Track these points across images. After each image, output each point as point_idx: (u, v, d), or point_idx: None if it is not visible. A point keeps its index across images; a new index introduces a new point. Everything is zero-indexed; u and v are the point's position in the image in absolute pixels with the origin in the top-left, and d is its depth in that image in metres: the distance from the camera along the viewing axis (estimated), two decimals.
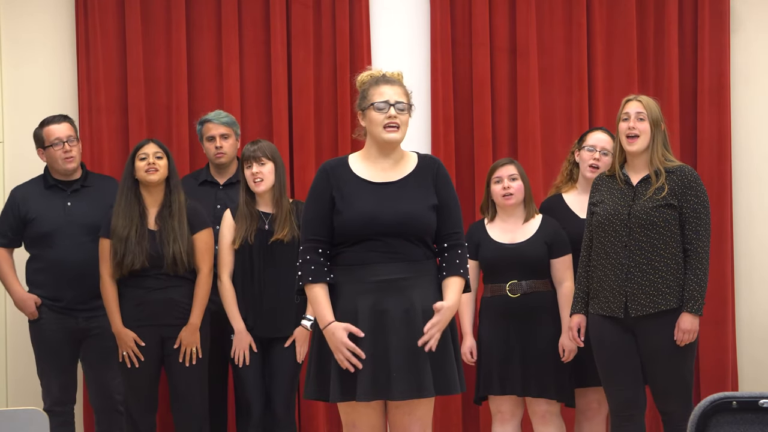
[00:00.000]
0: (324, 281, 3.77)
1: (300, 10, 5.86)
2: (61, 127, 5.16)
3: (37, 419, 3.04)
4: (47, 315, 5.11)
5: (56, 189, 5.19)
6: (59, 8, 5.85)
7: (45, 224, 5.11)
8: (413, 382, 3.67)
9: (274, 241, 4.83)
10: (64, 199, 5.16)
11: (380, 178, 3.82)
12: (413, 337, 3.69)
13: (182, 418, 4.91)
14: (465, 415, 5.85)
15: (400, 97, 3.80)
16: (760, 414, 2.68)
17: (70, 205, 5.14)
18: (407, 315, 3.70)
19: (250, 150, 4.89)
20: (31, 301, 5.12)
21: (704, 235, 4.48)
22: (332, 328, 3.71)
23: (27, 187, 5.26)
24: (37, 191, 5.20)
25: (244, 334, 4.87)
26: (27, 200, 5.18)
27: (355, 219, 3.74)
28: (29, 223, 5.14)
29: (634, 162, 4.56)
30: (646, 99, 4.57)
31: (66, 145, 5.13)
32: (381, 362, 3.67)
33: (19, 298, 5.15)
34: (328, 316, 3.73)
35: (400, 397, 3.68)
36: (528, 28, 5.88)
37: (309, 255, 3.79)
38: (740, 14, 6.02)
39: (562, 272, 4.81)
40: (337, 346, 3.68)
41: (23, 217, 5.15)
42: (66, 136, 5.15)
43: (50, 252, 5.10)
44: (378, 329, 3.69)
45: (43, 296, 5.12)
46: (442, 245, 3.84)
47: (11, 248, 5.23)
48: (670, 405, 4.48)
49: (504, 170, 4.86)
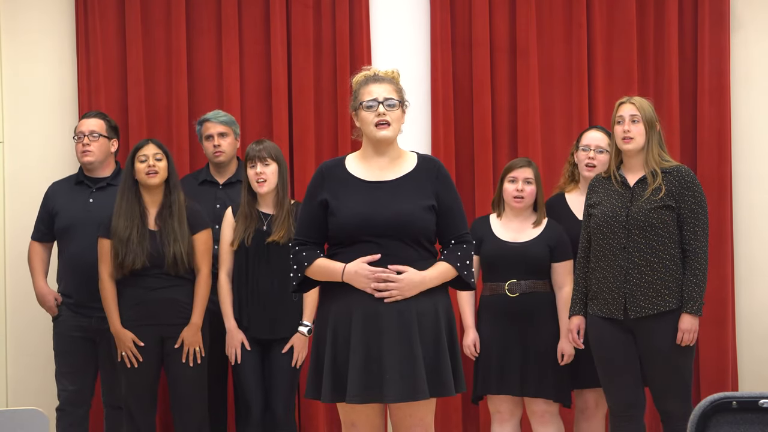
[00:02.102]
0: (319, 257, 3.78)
1: (300, 10, 5.86)
2: (89, 121, 5.23)
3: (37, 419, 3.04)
4: (66, 313, 5.14)
5: (83, 185, 5.23)
6: (59, 8, 5.86)
7: (66, 218, 5.14)
8: (407, 384, 3.65)
9: (270, 242, 4.83)
10: (88, 195, 5.19)
11: (375, 176, 3.81)
12: (407, 339, 3.68)
13: (182, 418, 4.91)
14: (465, 415, 5.85)
15: (389, 94, 3.79)
16: (760, 414, 2.68)
17: (92, 202, 5.17)
18: (401, 317, 3.69)
19: (255, 149, 4.88)
20: (50, 297, 5.15)
21: (702, 235, 4.48)
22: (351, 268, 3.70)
23: (61, 182, 5.32)
24: (67, 186, 5.26)
25: (235, 331, 4.88)
26: (56, 194, 5.23)
27: (349, 220, 3.74)
28: (55, 217, 5.19)
29: (630, 163, 4.56)
30: (639, 100, 4.57)
31: (86, 138, 5.17)
32: (374, 364, 3.66)
33: (39, 293, 5.20)
34: (338, 266, 3.73)
35: (393, 400, 3.67)
36: (528, 28, 5.88)
37: (297, 247, 3.82)
38: (740, 14, 6.02)
39: (563, 277, 4.81)
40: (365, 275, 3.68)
41: (51, 211, 5.20)
42: (89, 131, 5.18)
43: (69, 247, 5.13)
44: (372, 331, 3.68)
45: (61, 291, 5.15)
46: (448, 243, 3.83)
47: (45, 242, 5.26)
48: (670, 405, 4.49)
49: (521, 172, 4.85)
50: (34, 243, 5.25)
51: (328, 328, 3.75)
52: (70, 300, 5.12)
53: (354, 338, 3.68)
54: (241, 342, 4.87)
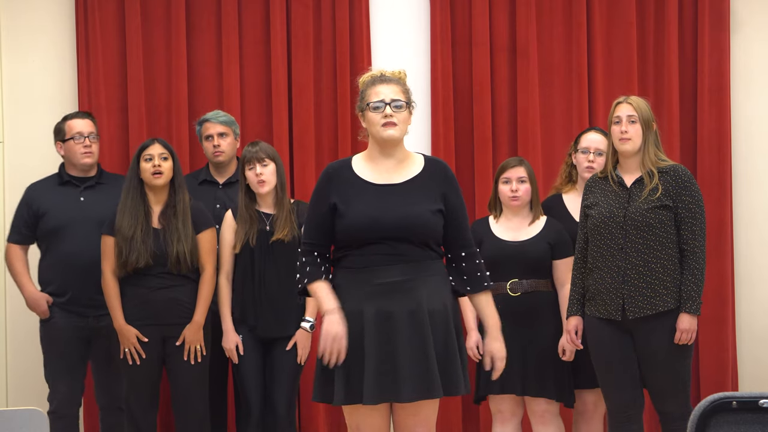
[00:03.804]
0: (322, 279, 3.77)
1: (300, 10, 5.86)
2: (83, 122, 5.22)
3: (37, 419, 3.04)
4: (58, 314, 5.11)
5: (70, 185, 5.21)
6: (59, 8, 5.86)
7: (57, 218, 5.12)
8: (422, 383, 3.65)
9: (275, 240, 4.84)
10: (77, 194, 5.19)
11: (383, 179, 3.80)
12: (420, 338, 3.67)
13: (183, 418, 4.91)
14: (465, 415, 5.85)
15: (396, 95, 3.78)
16: (760, 414, 2.68)
17: (84, 200, 5.17)
18: (413, 317, 3.69)
19: (251, 151, 4.89)
20: (42, 300, 5.13)
21: (700, 235, 4.47)
22: (336, 317, 3.68)
23: (41, 183, 5.29)
24: (51, 187, 5.23)
25: (231, 333, 4.89)
26: (40, 196, 5.20)
27: (358, 222, 3.72)
28: (41, 218, 5.16)
29: (627, 163, 4.56)
30: (636, 100, 4.56)
31: (87, 140, 5.18)
32: (387, 364, 3.65)
33: (30, 297, 5.16)
34: (331, 303, 3.71)
35: (409, 399, 3.66)
36: (528, 28, 5.88)
37: (305, 257, 3.80)
38: (740, 14, 6.02)
39: (564, 274, 4.81)
40: (337, 332, 3.66)
41: (36, 212, 5.17)
42: (88, 132, 5.20)
43: (61, 246, 5.10)
44: (384, 332, 3.67)
45: (51, 292, 5.13)
46: (458, 254, 3.82)
47: (25, 245, 5.24)
48: (669, 405, 4.48)
49: (513, 172, 4.85)
50: (14, 246, 5.20)
51: None
52: (62, 300, 5.10)
53: (367, 339, 3.68)
54: (236, 344, 4.88)
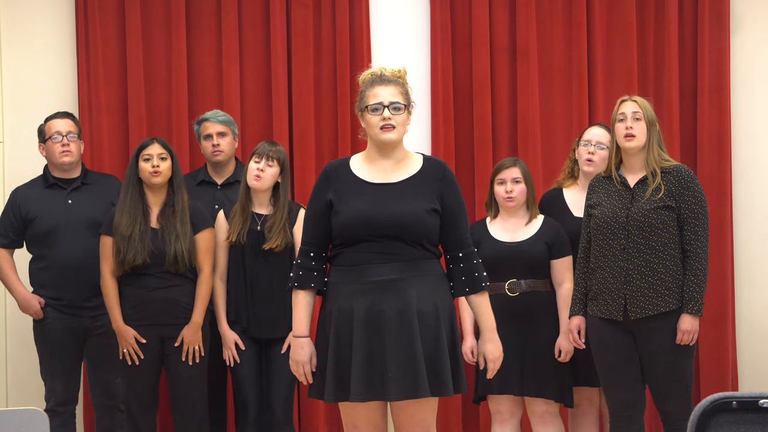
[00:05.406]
0: (308, 288, 3.80)
1: (300, 10, 5.86)
2: (62, 121, 5.20)
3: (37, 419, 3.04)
4: (52, 315, 5.12)
5: (56, 187, 5.20)
6: (59, 8, 5.86)
7: (46, 223, 5.12)
8: (409, 382, 3.66)
9: (267, 249, 4.85)
10: (64, 197, 5.18)
11: (380, 178, 3.80)
12: (408, 338, 3.68)
13: (182, 418, 4.91)
14: (465, 415, 5.85)
15: (395, 98, 3.78)
16: (760, 414, 2.68)
17: (71, 203, 5.16)
18: (402, 316, 3.69)
19: (266, 147, 4.90)
20: (35, 301, 5.13)
21: (702, 235, 4.47)
22: (303, 343, 3.78)
23: (27, 187, 5.27)
24: (37, 191, 5.21)
25: (228, 333, 4.89)
26: (27, 200, 5.19)
27: (351, 219, 3.73)
28: (30, 223, 5.15)
29: (630, 162, 4.56)
30: (641, 99, 4.58)
31: (64, 138, 5.16)
32: (376, 363, 3.67)
33: (22, 299, 5.16)
34: (302, 328, 3.79)
35: (395, 397, 3.67)
36: (528, 28, 5.88)
37: (301, 259, 3.82)
38: (740, 14, 6.02)
39: (562, 273, 4.81)
40: (299, 360, 3.77)
41: (24, 217, 5.16)
42: (66, 131, 5.17)
43: (52, 250, 5.10)
44: (373, 330, 3.69)
45: (47, 296, 5.12)
46: (455, 254, 3.82)
47: (12, 249, 5.24)
48: (670, 405, 4.49)
49: (508, 173, 4.85)
50: (1, 251, 5.20)
51: (330, 327, 3.75)
52: (62, 302, 5.10)
53: (356, 337, 3.69)
54: (235, 342, 4.88)
